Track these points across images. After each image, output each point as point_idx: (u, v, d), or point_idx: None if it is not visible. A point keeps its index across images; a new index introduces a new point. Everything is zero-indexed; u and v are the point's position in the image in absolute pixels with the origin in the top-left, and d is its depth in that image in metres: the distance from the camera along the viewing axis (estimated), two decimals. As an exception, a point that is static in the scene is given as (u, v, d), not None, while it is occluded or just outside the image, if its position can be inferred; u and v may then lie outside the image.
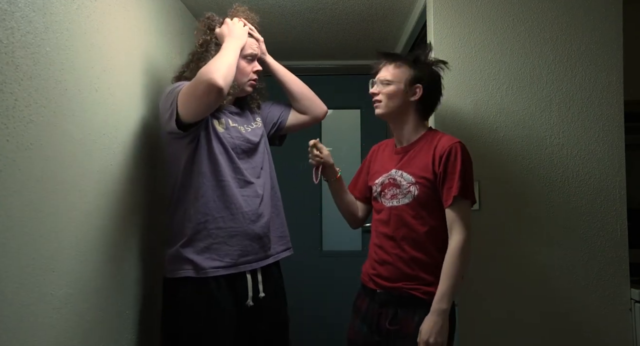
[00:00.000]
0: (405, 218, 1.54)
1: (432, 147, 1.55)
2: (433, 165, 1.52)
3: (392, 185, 1.59)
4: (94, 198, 1.38)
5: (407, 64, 1.59)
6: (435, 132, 1.62)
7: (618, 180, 1.86)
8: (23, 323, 1.07)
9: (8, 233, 1.02)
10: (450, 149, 1.50)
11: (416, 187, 1.53)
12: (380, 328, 1.54)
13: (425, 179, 1.52)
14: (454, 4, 1.90)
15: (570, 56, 1.89)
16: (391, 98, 1.58)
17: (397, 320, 1.52)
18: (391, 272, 1.54)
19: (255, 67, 1.71)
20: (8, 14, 1.02)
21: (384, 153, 1.71)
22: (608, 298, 1.82)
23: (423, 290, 1.49)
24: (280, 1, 2.22)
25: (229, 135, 1.63)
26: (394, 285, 1.53)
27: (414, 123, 1.61)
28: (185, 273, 1.54)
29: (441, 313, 1.42)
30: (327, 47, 2.86)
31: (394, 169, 1.60)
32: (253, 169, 1.68)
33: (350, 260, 2.94)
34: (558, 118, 1.87)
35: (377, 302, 1.57)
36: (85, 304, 1.33)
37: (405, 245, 1.53)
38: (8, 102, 1.02)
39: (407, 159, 1.59)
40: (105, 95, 1.45)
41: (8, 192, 1.02)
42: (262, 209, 1.66)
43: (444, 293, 1.43)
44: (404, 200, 1.55)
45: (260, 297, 1.63)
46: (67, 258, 1.24)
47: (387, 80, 1.59)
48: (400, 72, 1.58)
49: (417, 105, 1.59)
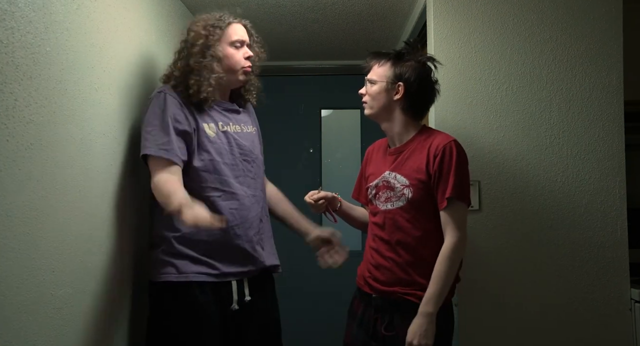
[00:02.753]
0: (400, 222, 1.50)
1: (426, 146, 1.50)
2: (427, 165, 1.48)
3: (386, 187, 1.55)
4: (94, 198, 1.38)
5: (389, 62, 1.56)
6: (428, 130, 1.59)
7: (618, 180, 1.86)
8: (23, 323, 1.07)
9: (8, 233, 1.02)
10: (445, 148, 1.46)
11: (410, 190, 1.49)
12: (377, 333, 1.52)
13: (419, 181, 1.48)
14: (454, 4, 1.89)
15: (570, 56, 1.89)
16: (375, 98, 1.56)
17: (393, 326, 1.49)
18: (387, 276, 1.51)
19: (246, 53, 1.61)
20: (8, 14, 1.02)
21: (378, 154, 1.67)
22: (608, 298, 1.82)
23: (418, 295, 1.45)
24: (281, 1, 2.22)
25: (219, 140, 1.56)
26: (389, 289, 1.50)
27: (403, 122, 1.56)
28: (167, 277, 1.48)
29: (427, 315, 1.40)
30: (327, 47, 2.86)
31: (388, 171, 1.56)
32: (244, 177, 1.59)
33: (350, 260, 2.92)
34: (558, 118, 1.87)
35: (372, 307, 1.55)
36: (85, 304, 1.33)
37: (400, 250, 1.50)
38: (8, 102, 1.02)
39: (401, 160, 1.55)
40: (105, 95, 1.44)
41: (8, 192, 1.02)
42: (251, 221, 1.58)
43: (430, 297, 1.42)
44: (398, 203, 1.51)
45: (247, 300, 1.56)
46: (67, 258, 1.24)
47: (372, 79, 1.57)
48: (382, 71, 1.56)
49: (402, 103, 1.54)
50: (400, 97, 1.53)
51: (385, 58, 1.57)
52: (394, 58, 1.56)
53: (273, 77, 2.86)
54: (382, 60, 1.57)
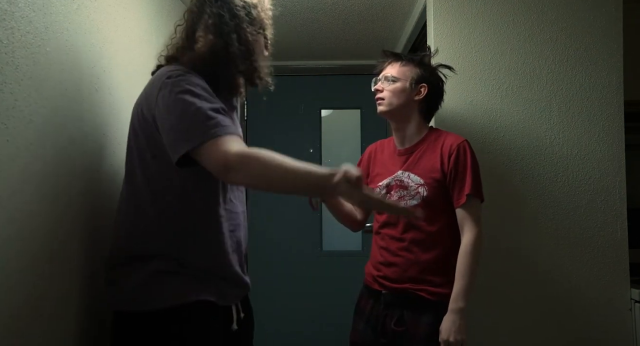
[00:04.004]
0: (414, 220, 1.51)
1: (439, 146, 1.54)
2: (442, 164, 1.51)
3: (399, 187, 1.58)
4: (94, 199, 1.38)
5: (413, 63, 1.60)
6: (438, 131, 1.62)
7: (618, 180, 1.86)
8: (23, 323, 1.07)
9: (8, 233, 1.02)
10: (459, 148, 1.51)
11: (425, 188, 1.52)
12: (386, 330, 1.53)
13: (434, 179, 1.52)
14: (454, 4, 1.90)
15: (570, 56, 1.89)
16: (396, 96, 1.57)
17: (404, 321, 1.51)
18: (398, 274, 1.53)
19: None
20: (8, 14, 1.02)
21: (383, 155, 1.69)
22: (608, 298, 1.82)
23: (430, 290, 1.49)
24: (281, 1, 2.22)
25: None
26: (400, 286, 1.52)
27: (417, 123, 1.60)
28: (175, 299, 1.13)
29: (458, 311, 1.43)
30: (327, 47, 2.86)
31: (401, 170, 1.59)
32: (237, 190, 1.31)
33: (350, 260, 2.94)
34: (558, 118, 1.87)
35: (382, 303, 1.56)
36: (85, 304, 1.33)
37: (414, 247, 1.52)
38: (8, 102, 1.02)
39: (413, 160, 1.58)
40: (105, 95, 1.45)
41: (8, 192, 1.02)
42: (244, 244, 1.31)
43: (459, 292, 1.44)
44: (412, 201, 1.54)
45: (242, 317, 1.29)
46: (67, 258, 1.24)
47: (394, 77, 1.58)
48: (407, 70, 1.59)
49: (421, 105, 1.59)
50: (421, 98, 1.58)
51: (409, 58, 1.61)
52: (420, 60, 1.60)
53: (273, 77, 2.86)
54: (404, 60, 1.60)
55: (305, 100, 3.16)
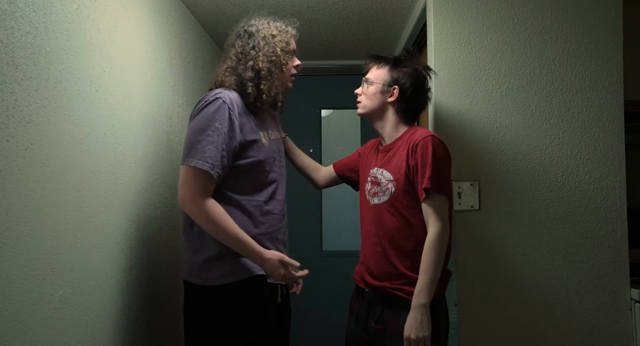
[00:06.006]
0: (384, 216, 1.55)
1: (409, 142, 1.55)
2: (407, 160, 1.52)
3: (374, 183, 1.61)
4: (94, 198, 1.38)
5: (388, 65, 1.63)
6: (414, 128, 1.63)
7: (618, 180, 1.86)
8: (23, 323, 1.07)
9: (8, 233, 1.02)
10: (421, 143, 1.50)
11: (393, 184, 1.54)
12: (369, 327, 1.57)
13: (402, 175, 1.53)
14: (454, 4, 1.90)
15: (570, 56, 1.89)
16: (369, 98, 1.64)
17: (383, 319, 1.53)
18: (378, 270, 1.56)
19: (296, 62, 1.69)
20: (8, 14, 1.02)
21: (370, 153, 1.73)
22: (608, 298, 1.82)
23: (405, 290, 1.49)
24: (281, 1, 2.22)
25: (270, 148, 1.60)
26: (380, 283, 1.54)
27: (393, 123, 1.62)
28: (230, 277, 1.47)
29: (420, 307, 1.42)
30: (327, 47, 2.86)
31: (376, 167, 1.62)
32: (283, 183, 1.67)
33: (350, 260, 2.92)
34: (558, 118, 1.87)
35: (366, 301, 1.59)
36: (85, 304, 1.33)
37: (385, 242, 1.54)
38: (8, 102, 1.02)
39: (388, 157, 1.60)
40: (105, 95, 1.45)
41: (8, 192, 1.02)
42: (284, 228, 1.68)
43: (421, 288, 1.44)
44: (384, 197, 1.56)
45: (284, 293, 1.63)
46: (67, 258, 1.24)
47: (370, 80, 1.64)
48: (380, 73, 1.63)
49: (396, 106, 1.61)
50: (394, 99, 1.61)
51: (385, 61, 1.64)
52: (393, 62, 1.63)
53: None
54: (381, 63, 1.64)
55: (305, 100, 3.16)
